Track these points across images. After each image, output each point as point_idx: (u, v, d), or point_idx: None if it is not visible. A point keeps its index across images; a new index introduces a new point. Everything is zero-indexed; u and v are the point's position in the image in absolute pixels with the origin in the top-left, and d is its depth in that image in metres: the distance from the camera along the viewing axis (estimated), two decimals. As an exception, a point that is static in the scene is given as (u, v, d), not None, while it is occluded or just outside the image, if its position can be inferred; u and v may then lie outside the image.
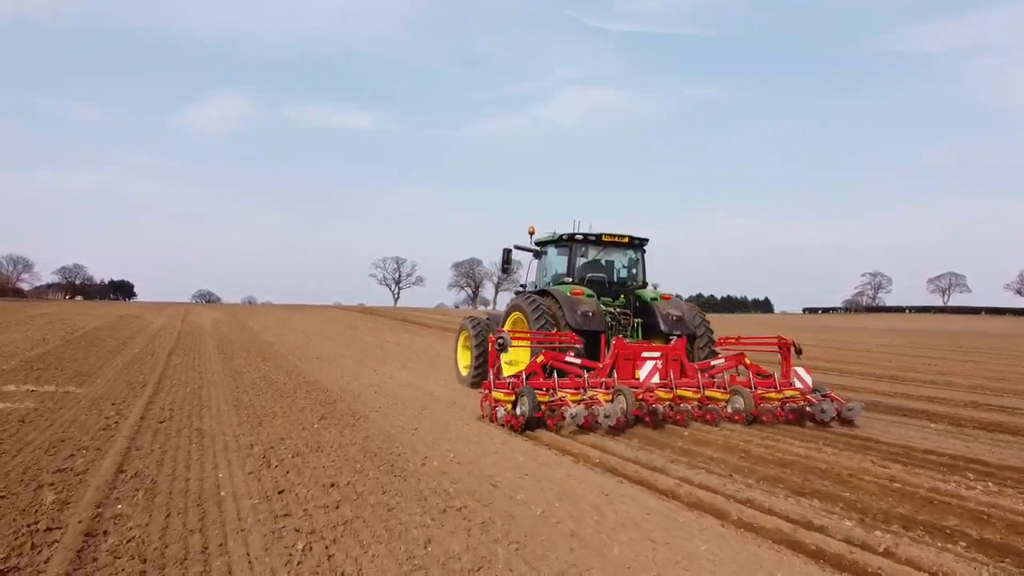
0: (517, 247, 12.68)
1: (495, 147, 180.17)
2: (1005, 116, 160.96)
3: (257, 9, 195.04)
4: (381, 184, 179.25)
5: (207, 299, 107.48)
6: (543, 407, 8.58)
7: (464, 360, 12.96)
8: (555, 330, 10.43)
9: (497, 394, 8.92)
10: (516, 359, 11.02)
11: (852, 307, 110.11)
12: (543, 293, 11.22)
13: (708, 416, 9.07)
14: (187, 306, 58.07)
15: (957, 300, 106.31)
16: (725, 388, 9.59)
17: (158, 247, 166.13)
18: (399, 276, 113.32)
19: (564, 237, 11.73)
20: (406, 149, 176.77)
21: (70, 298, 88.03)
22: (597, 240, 11.62)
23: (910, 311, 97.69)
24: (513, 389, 8.93)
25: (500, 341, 9.37)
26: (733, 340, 10.89)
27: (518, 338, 10.20)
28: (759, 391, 9.62)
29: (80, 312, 37.40)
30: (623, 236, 11.71)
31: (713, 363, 10.29)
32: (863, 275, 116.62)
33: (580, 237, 11.51)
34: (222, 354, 16.56)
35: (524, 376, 9.17)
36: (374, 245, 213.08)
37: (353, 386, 11.74)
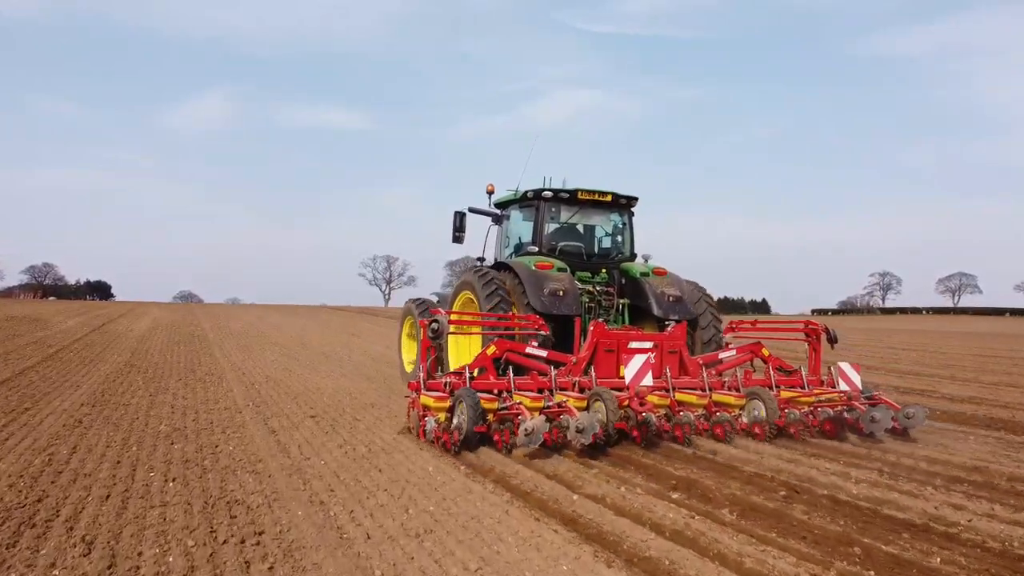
0: (472, 210, 10.14)
1: (484, 145, 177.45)
2: (996, 116, 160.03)
3: (244, 7, 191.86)
4: (371, 184, 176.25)
5: (188, 300, 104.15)
6: (490, 417, 6.11)
7: (409, 353, 10.46)
8: (513, 312, 7.92)
9: (427, 399, 6.42)
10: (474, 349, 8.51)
11: (866, 308, 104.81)
12: (502, 267, 8.71)
13: (717, 430, 6.64)
14: (135, 305, 47.02)
15: (966, 301, 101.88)
16: (738, 390, 7.16)
17: (142, 247, 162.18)
18: (390, 275, 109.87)
19: (529, 195, 9.21)
20: (396, 148, 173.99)
21: (40, 298, 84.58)
22: (571, 198, 9.10)
23: (927, 312, 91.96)
24: (450, 392, 6.45)
25: (434, 325, 6.88)
26: (748, 324, 8.43)
27: (463, 323, 7.68)
28: (783, 391, 7.25)
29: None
30: (605, 193, 9.19)
31: (722, 356, 8.02)
32: (871, 275, 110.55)
33: (549, 195, 8.98)
34: (90, 409, 7.78)
35: (468, 374, 6.70)
36: (363, 245, 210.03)
37: None
